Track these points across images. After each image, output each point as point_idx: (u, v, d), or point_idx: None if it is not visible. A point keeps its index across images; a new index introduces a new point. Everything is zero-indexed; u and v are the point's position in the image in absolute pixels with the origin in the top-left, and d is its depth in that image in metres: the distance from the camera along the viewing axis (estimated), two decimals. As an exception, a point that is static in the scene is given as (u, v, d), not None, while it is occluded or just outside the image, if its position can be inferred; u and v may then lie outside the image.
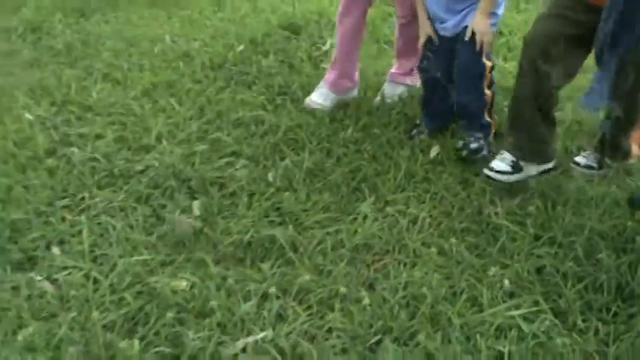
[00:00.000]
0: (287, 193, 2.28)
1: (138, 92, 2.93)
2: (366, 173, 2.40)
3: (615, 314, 1.79)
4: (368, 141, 2.59)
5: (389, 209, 2.21)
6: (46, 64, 3.18)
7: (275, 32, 3.54)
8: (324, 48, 3.38)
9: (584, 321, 1.77)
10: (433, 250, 2.03)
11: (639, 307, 1.81)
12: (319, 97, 2.91)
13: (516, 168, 2.30)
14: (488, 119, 2.57)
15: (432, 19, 2.53)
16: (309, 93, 2.94)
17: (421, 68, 2.65)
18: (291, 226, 2.11)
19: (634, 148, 2.44)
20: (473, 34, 2.41)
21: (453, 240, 2.05)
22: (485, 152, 2.50)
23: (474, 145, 2.50)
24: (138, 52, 3.31)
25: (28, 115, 2.71)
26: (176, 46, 3.40)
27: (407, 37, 2.89)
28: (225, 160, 2.46)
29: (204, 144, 2.55)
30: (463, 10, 2.44)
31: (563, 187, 2.31)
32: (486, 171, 2.31)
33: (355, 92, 3.01)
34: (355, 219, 2.18)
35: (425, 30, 2.55)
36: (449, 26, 2.48)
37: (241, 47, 3.36)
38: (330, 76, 2.95)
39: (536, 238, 2.09)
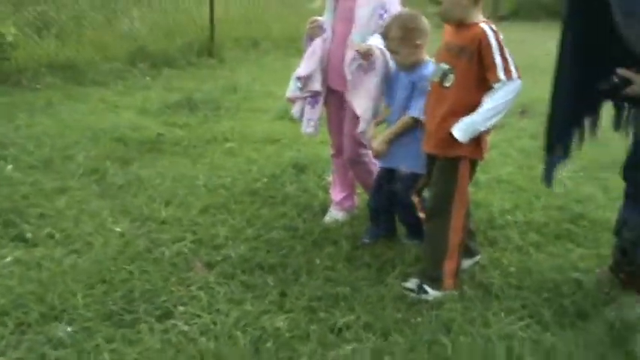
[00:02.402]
0: (336, 270, 3.13)
1: (197, 211, 3.78)
2: (388, 256, 3.29)
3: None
4: (385, 237, 3.50)
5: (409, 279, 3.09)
6: (114, 196, 3.99)
7: (287, 170, 4.53)
8: (328, 179, 4.37)
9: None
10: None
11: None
12: (332, 217, 3.83)
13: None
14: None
15: None
16: (325, 210, 3.88)
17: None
18: (348, 288, 2.95)
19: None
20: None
21: (465, 287, 2.95)
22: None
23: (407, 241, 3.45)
24: (184, 186, 4.19)
25: (117, 229, 3.50)
26: (212, 181, 4.31)
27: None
28: (282, 251, 3.31)
29: (262, 242, 3.40)
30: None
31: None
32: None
33: (355, 210, 3.94)
34: (387, 284, 3.04)
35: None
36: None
37: (265, 180, 4.32)
38: (335, 199, 3.89)
39: (518, 287, 3.01)
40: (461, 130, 2.73)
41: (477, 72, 2.71)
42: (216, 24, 9.93)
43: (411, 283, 3.02)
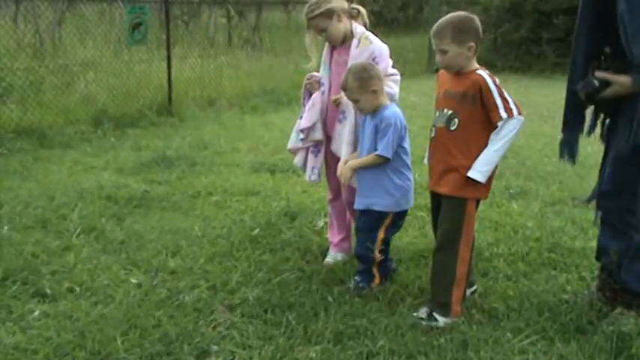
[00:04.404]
0: (350, 305, 3.35)
1: (203, 260, 3.95)
2: (394, 289, 3.54)
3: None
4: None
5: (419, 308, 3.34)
6: (119, 250, 4.11)
7: (279, 218, 4.75)
8: (319, 225, 4.62)
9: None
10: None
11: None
12: (331, 258, 4.07)
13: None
14: (374, 271, 3.57)
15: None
16: (324, 252, 4.11)
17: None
18: (365, 320, 3.17)
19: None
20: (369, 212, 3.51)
21: (473, 311, 3.22)
22: (359, 292, 3.50)
23: (352, 284, 3.59)
24: (183, 238, 4.35)
25: (133, 280, 3.63)
26: (208, 232, 4.49)
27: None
28: (296, 292, 3.51)
29: (274, 285, 3.60)
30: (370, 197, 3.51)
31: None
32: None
33: (352, 250, 4.19)
34: (400, 314, 3.27)
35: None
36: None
37: (260, 228, 4.52)
38: (333, 242, 4.15)
39: (519, 310, 3.31)
40: (478, 172, 3.04)
41: (480, 113, 3.05)
42: (173, 85, 10.19)
43: (422, 312, 3.27)
